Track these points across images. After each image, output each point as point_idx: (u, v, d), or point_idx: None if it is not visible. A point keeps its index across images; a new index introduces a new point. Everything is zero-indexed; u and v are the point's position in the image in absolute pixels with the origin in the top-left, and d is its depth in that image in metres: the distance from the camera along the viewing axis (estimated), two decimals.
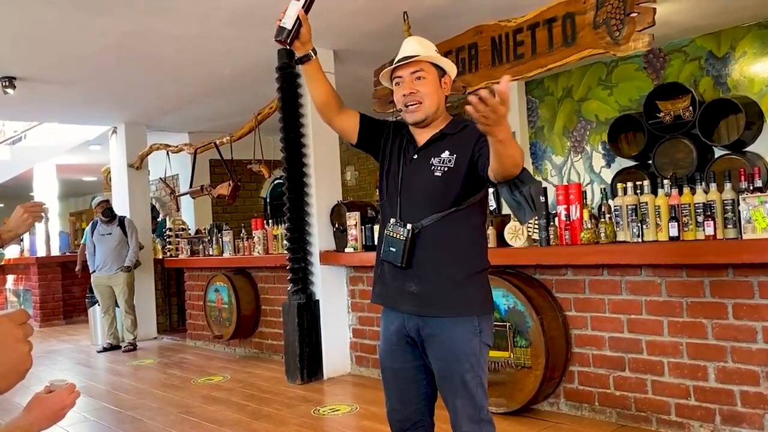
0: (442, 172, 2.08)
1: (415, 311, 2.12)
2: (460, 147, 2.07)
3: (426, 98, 2.11)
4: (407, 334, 2.15)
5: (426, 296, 2.09)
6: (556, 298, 3.91)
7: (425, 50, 2.15)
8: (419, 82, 2.11)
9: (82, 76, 5.99)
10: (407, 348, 2.17)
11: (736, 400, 3.19)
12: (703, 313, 3.30)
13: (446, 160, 2.08)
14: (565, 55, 3.65)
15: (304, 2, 2.09)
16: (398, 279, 2.15)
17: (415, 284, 2.10)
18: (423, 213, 2.08)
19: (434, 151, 2.12)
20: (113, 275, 7.24)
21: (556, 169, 6.88)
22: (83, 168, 11.86)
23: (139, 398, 5.04)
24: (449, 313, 2.08)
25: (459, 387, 2.07)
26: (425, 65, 2.13)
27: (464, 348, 2.06)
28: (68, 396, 1.49)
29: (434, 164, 2.09)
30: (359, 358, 5.37)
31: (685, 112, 5.49)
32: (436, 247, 2.09)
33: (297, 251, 5.28)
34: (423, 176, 2.11)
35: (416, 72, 2.12)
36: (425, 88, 2.11)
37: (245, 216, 8.91)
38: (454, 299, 2.08)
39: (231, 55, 5.56)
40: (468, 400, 2.07)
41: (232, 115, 7.56)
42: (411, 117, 2.14)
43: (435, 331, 2.09)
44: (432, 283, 2.09)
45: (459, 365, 2.06)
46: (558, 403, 3.92)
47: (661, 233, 3.42)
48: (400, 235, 2.08)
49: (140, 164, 8.06)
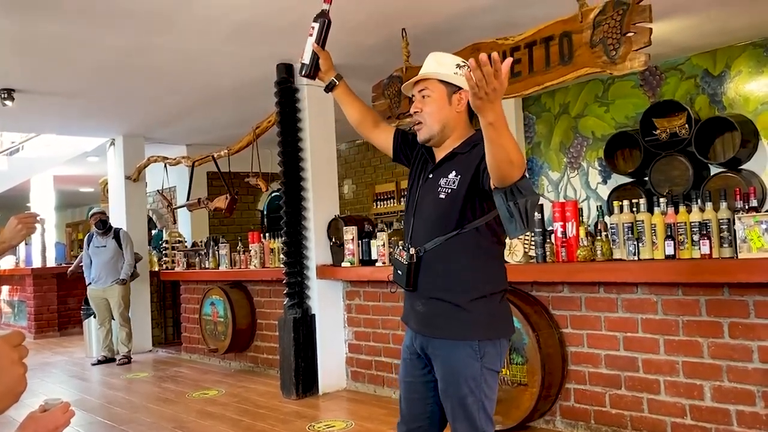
0: (446, 194, 2.06)
1: (420, 330, 2.15)
2: (466, 167, 2.03)
3: (428, 117, 2.10)
4: (416, 351, 2.19)
5: (429, 317, 2.12)
6: (553, 315, 3.91)
7: (439, 67, 2.12)
8: (424, 100, 2.11)
9: (82, 89, 6.01)
10: (419, 362, 2.19)
11: (732, 420, 3.19)
12: (699, 332, 3.30)
13: (451, 181, 2.06)
14: (562, 73, 3.67)
15: (317, 36, 2.25)
16: (409, 298, 2.21)
17: (421, 304, 2.13)
18: (427, 236, 2.09)
19: (444, 172, 2.10)
20: (108, 288, 7.21)
21: (552, 184, 6.90)
22: (80, 179, 11.86)
23: (133, 412, 5.01)
24: (449, 335, 2.07)
25: (458, 409, 2.07)
26: (431, 83, 2.10)
27: (464, 371, 2.04)
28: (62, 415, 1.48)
29: (441, 185, 2.08)
30: (355, 374, 5.35)
31: (681, 129, 5.52)
32: (438, 270, 2.08)
33: (294, 265, 5.27)
34: (431, 198, 2.11)
35: (422, 90, 2.12)
36: (428, 107, 2.10)
37: (242, 229, 8.90)
38: (454, 322, 2.07)
39: (230, 69, 5.58)
40: (468, 424, 2.05)
41: (230, 127, 7.58)
42: (419, 137, 2.16)
43: (437, 352, 2.10)
44: (435, 305, 2.10)
45: (458, 387, 2.05)
46: (554, 420, 3.91)
47: (657, 251, 3.43)
48: (403, 259, 2.11)
49: (138, 176, 8.06)
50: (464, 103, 2.09)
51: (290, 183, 5.31)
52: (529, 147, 7.09)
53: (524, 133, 7.10)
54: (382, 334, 5.06)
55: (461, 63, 2.11)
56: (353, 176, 9.49)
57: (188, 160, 7.31)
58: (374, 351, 5.16)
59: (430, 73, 2.12)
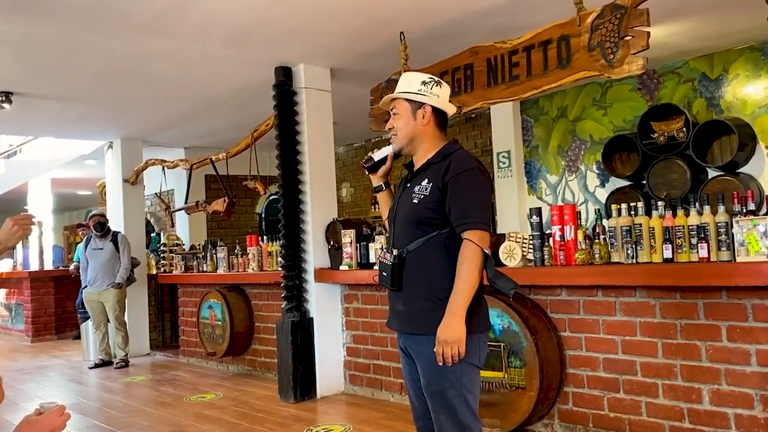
0: (418, 199, 2.26)
1: (402, 329, 2.33)
2: (436, 175, 2.25)
3: (399, 131, 2.36)
4: (403, 350, 2.36)
5: (409, 315, 2.28)
6: (551, 318, 3.91)
7: (406, 86, 2.36)
8: (394, 117, 2.37)
9: (80, 92, 6.00)
10: (407, 359, 2.37)
11: (731, 423, 3.19)
12: (697, 336, 3.30)
13: (424, 188, 2.27)
14: (560, 77, 3.68)
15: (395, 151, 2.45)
16: (392, 299, 2.37)
17: (402, 304, 2.30)
18: (407, 238, 2.26)
19: (419, 180, 2.32)
20: (104, 291, 7.19)
21: (550, 188, 6.91)
22: (78, 182, 11.85)
23: (131, 416, 5.00)
24: (428, 330, 2.19)
25: (439, 402, 2.19)
26: (398, 102, 2.36)
27: (442, 365, 2.15)
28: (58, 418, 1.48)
29: (415, 192, 2.29)
30: (353, 377, 5.34)
31: (678, 132, 5.53)
32: (418, 269, 2.25)
33: (292, 268, 5.27)
34: (406, 203, 2.32)
35: (392, 109, 2.39)
36: (397, 123, 2.36)
37: (240, 232, 8.90)
38: (433, 318, 2.18)
39: (228, 73, 5.58)
40: (451, 418, 2.17)
41: (229, 131, 7.58)
42: (393, 147, 2.42)
43: (417, 348, 2.26)
44: (414, 303, 2.26)
45: (438, 381, 2.19)
46: (552, 424, 3.91)
47: (655, 255, 3.43)
48: (387, 261, 2.28)
49: (135, 179, 8.05)
50: (429, 116, 2.33)
51: (288, 186, 5.30)
52: (527, 150, 7.10)
53: (522, 137, 7.11)
54: (380, 338, 5.05)
55: (427, 80, 2.35)
56: (351, 179, 9.49)
57: (186, 164, 7.31)
58: (372, 354, 5.15)
59: (397, 93, 2.37)
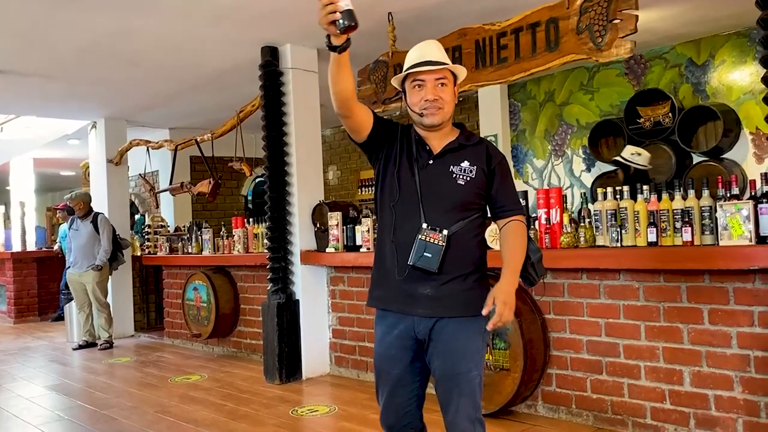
0: (465, 181, 2.17)
1: (429, 314, 2.15)
2: (478, 160, 2.20)
3: (446, 105, 2.20)
4: (414, 337, 2.19)
5: (441, 298, 2.15)
6: (536, 301, 3.93)
7: (444, 58, 2.24)
8: (442, 89, 2.19)
9: (63, 70, 5.90)
10: (408, 353, 2.21)
11: (711, 405, 3.24)
12: (680, 318, 3.34)
13: (467, 170, 2.18)
14: (548, 59, 3.67)
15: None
16: (410, 282, 2.16)
17: (430, 287, 2.14)
18: (449, 219, 2.14)
19: (452, 160, 2.20)
20: (84, 273, 7.13)
21: (536, 172, 6.93)
22: (61, 162, 11.70)
23: (115, 397, 4.98)
24: (463, 313, 2.15)
25: (465, 385, 2.14)
26: (447, 73, 2.21)
27: (470, 347, 2.15)
28: None
29: (455, 172, 2.18)
30: (338, 359, 5.36)
31: (664, 118, 5.56)
32: (459, 252, 2.15)
33: (277, 250, 5.25)
34: (446, 183, 2.17)
35: (440, 79, 2.19)
36: (446, 96, 2.20)
37: (225, 214, 8.85)
38: (466, 300, 2.16)
39: (214, 53, 5.51)
40: (470, 400, 2.15)
41: (214, 112, 7.51)
42: (430, 119, 2.19)
43: (445, 330, 2.15)
44: (449, 285, 2.15)
45: (465, 363, 2.14)
46: (536, 405, 3.95)
47: (639, 238, 3.46)
48: (439, 241, 2.11)
49: (119, 160, 7.96)
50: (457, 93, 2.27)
51: (275, 168, 5.27)
52: (514, 134, 7.10)
53: (509, 121, 7.11)
54: (366, 320, 5.07)
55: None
56: (338, 162, 9.45)
57: (171, 144, 7.24)
58: (358, 336, 5.17)
59: (453, 66, 2.23)
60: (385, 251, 2.23)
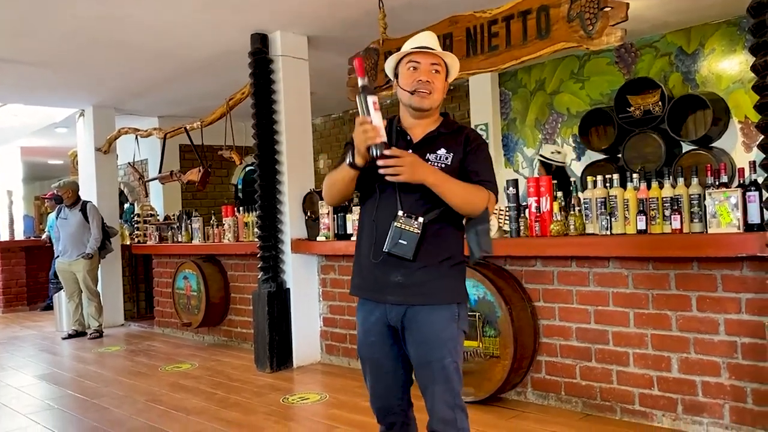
0: (440, 168, 2.15)
1: (400, 301, 2.16)
2: (455, 146, 2.20)
3: (436, 92, 2.21)
4: (388, 324, 2.20)
5: (412, 286, 2.14)
6: (526, 288, 3.95)
7: (438, 47, 2.26)
8: (435, 74, 2.21)
9: (50, 57, 5.83)
10: (387, 339, 2.22)
11: (698, 391, 3.27)
12: (668, 306, 3.37)
13: (443, 157, 2.18)
14: (539, 47, 3.66)
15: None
16: (381, 269, 2.17)
17: (401, 275, 2.14)
18: (425, 207, 2.13)
19: (430, 148, 2.20)
20: (74, 261, 7.09)
21: (527, 161, 6.94)
22: (49, 151, 11.60)
23: (105, 386, 4.97)
24: (433, 301, 2.14)
25: (438, 372, 2.14)
26: (441, 61, 2.23)
27: (444, 334, 2.14)
28: None
29: (431, 160, 2.17)
30: (329, 347, 5.37)
31: (654, 107, 5.57)
32: (435, 240, 2.15)
33: (268, 239, 5.24)
34: None
35: (435, 64, 2.21)
36: (438, 83, 2.21)
37: (215, 203, 8.82)
38: (438, 288, 2.16)
39: (203, 40, 5.47)
40: (446, 386, 2.14)
41: (204, 99, 7.45)
42: (419, 102, 2.20)
43: (418, 317, 2.14)
44: (420, 273, 2.14)
45: (438, 351, 2.13)
46: (525, 392, 3.98)
47: (629, 226, 3.47)
48: (414, 228, 2.10)
49: (108, 148, 7.90)
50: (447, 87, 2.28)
51: (265, 156, 5.25)
52: (504, 123, 7.11)
53: (500, 109, 7.11)
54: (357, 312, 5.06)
55: None
56: (329, 151, 9.42)
57: (160, 132, 7.19)
58: (349, 324, 5.17)
59: (449, 55, 2.25)
60: (363, 239, 2.26)
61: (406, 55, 2.23)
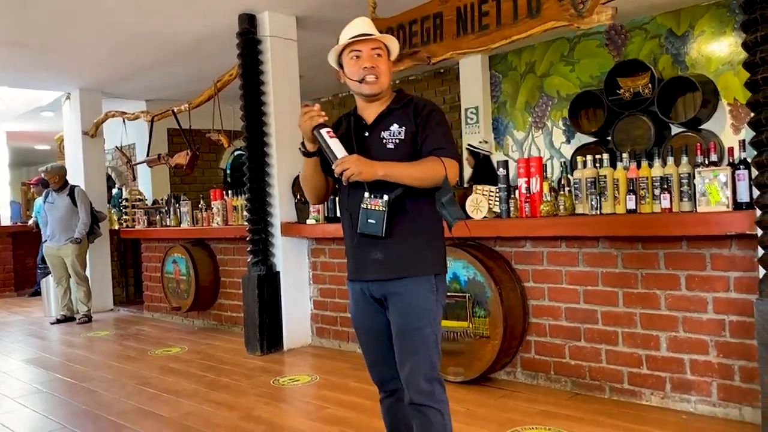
0: (394, 144, 2.20)
1: (382, 277, 2.22)
2: (406, 120, 2.23)
3: (382, 75, 2.25)
4: (371, 295, 2.28)
5: (390, 261, 2.20)
6: (515, 269, 3.95)
7: (376, 32, 2.28)
8: (378, 58, 2.25)
9: (35, 38, 5.73)
10: (374, 307, 2.30)
11: (686, 369, 3.30)
12: (657, 285, 3.38)
13: (396, 133, 2.22)
14: (530, 26, 3.64)
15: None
16: (361, 251, 2.25)
17: (380, 252, 2.20)
18: (389, 185, 2.15)
19: (383, 126, 2.25)
20: (62, 246, 7.03)
21: (517, 144, 6.93)
22: (35, 136, 11.46)
23: (94, 370, 4.95)
24: (413, 273, 2.20)
25: (418, 343, 2.19)
26: (381, 44, 2.27)
27: (423, 304, 2.20)
28: None
29: (385, 137, 2.22)
30: (320, 330, 5.36)
31: (644, 89, 5.57)
32: (405, 215, 2.20)
33: (257, 222, 5.21)
34: (378, 150, 2.21)
35: (376, 49, 2.25)
36: (382, 66, 2.25)
37: (204, 187, 8.75)
38: (415, 261, 2.21)
39: (190, 21, 5.39)
40: (425, 358, 2.18)
41: (192, 83, 7.37)
42: (369, 88, 2.24)
43: (398, 290, 2.20)
44: (396, 248, 2.20)
45: (418, 320, 2.19)
46: (515, 372, 3.99)
47: (619, 206, 3.47)
48: (379, 207, 2.15)
49: (95, 132, 7.81)
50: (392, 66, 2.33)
51: (253, 138, 5.20)
52: (495, 106, 7.08)
53: (490, 93, 7.09)
54: (347, 291, 5.05)
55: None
56: None
57: (147, 115, 7.11)
58: (339, 307, 5.17)
59: (384, 36, 2.29)
60: (344, 226, 2.34)
61: (346, 46, 2.25)
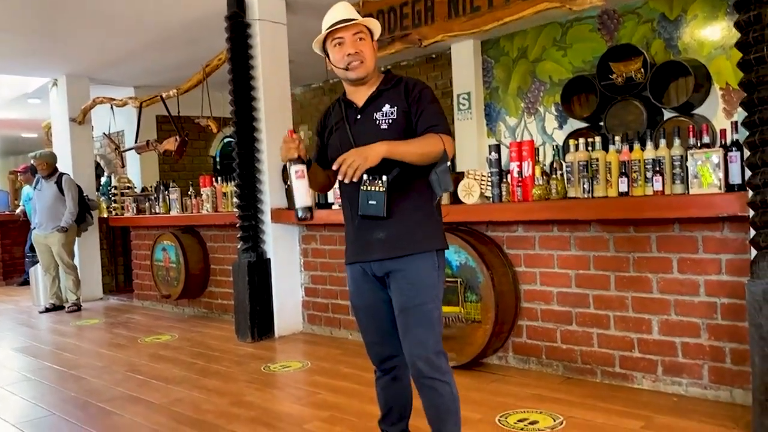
0: (387, 125, 2.21)
1: (383, 256, 2.24)
2: (397, 100, 2.24)
3: (367, 59, 2.26)
4: (373, 274, 2.30)
5: (393, 240, 2.22)
6: (507, 254, 3.94)
7: (356, 17, 2.28)
8: (361, 42, 2.25)
9: (19, 23, 5.64)
10: (374, 285, 2.32)
11: (678, 352, 3.29)
12: (649, 268, 3.37)
13: (388, 113, 2.23)
14: (522, 8, 3.61)
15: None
16: (363, 231, 2.27)
17: (382, 231, 2.23)
18: (386, 165, 2.14)
19: (375, 108, 2.26)
20: (49, 234, 6.96)
21: (509, 130, 6.90)
22: (22, 123, 11.34)
23: (84, 357, 4.91)
24: (413, 249, 2.22)
25: (421, 317, 2.21)
26: (363, 28, 2.28)
27: (426, 280, 2.22)
28: None
29: (378, 118, 2.23)
30: (311, 317, 5.34)
31: (636, 74, 5.54)
32: (405, 194, 2.22)
33: (247, 209, 5.17)
34: (372, 132, 2.22)
35: (357, 33, 2.25)
36: (366, 49, 2.26)
37: (193, 175, 8.67)
38: (417, 237, 2.24)
39: (178, 4, 5.31)
40: (430, 332, 2.21)
41: (180, 68, 7.28)
42: (355, 73, 2.25)
43: (400, 266, 2.22)
44: (398, 227, 2.22)
45: (421, 296, 2.21)
46: (507, 356, 3.98)
47: (611, 189, 3.46)
48: (380, 188, 2.17)
49: (83, 119, 7.72)
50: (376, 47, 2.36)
51: (243, 123, 5.14)
52: (487, 92, 7.05)
53: (483, 78, 7.04)
54: (339, 278, 5.04)
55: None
56: (309, 121, 9.30)
57: (135, 101, 7.04)
58: (331, 294, 5.14)
59: (365, 20, 2.29)
60: (345, 210, 2.36)
61: (328, 34, 2.25)
